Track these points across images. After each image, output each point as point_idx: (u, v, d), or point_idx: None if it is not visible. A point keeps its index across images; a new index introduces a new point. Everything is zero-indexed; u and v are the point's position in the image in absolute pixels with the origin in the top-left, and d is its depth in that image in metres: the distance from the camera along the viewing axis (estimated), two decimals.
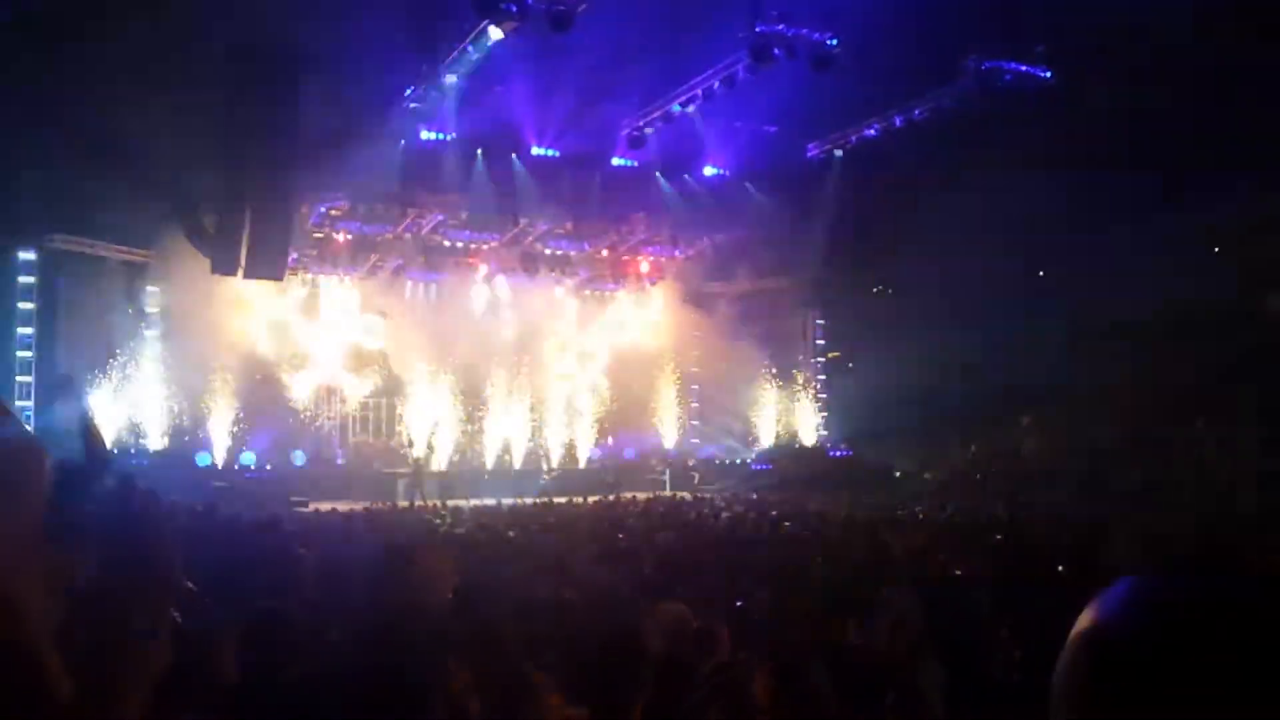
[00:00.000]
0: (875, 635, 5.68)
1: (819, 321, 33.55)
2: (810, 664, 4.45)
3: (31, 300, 24.06)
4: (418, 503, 22.89)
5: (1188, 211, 23.92)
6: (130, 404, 24.97)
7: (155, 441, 25.41)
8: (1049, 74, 23.86)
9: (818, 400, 33.14)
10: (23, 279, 24.08)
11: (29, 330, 23.84)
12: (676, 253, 32.32)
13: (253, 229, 23.25)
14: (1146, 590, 0.77)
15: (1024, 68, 23.80)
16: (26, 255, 24.04)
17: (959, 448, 27.52)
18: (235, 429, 26.01)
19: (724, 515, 16.88)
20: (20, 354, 23.51)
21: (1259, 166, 22.63)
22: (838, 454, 31.45)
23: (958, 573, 8.80)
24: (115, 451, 21.77)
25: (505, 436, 29.95)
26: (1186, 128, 22.46)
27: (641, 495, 23.57)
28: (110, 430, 24.37)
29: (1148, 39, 21.04)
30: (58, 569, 1.15)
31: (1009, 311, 26.40)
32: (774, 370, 32.60)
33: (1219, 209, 24.27)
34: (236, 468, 25.34)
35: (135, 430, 25.15)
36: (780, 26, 21.63)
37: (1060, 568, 9.50)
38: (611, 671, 3.16)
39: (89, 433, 1.31)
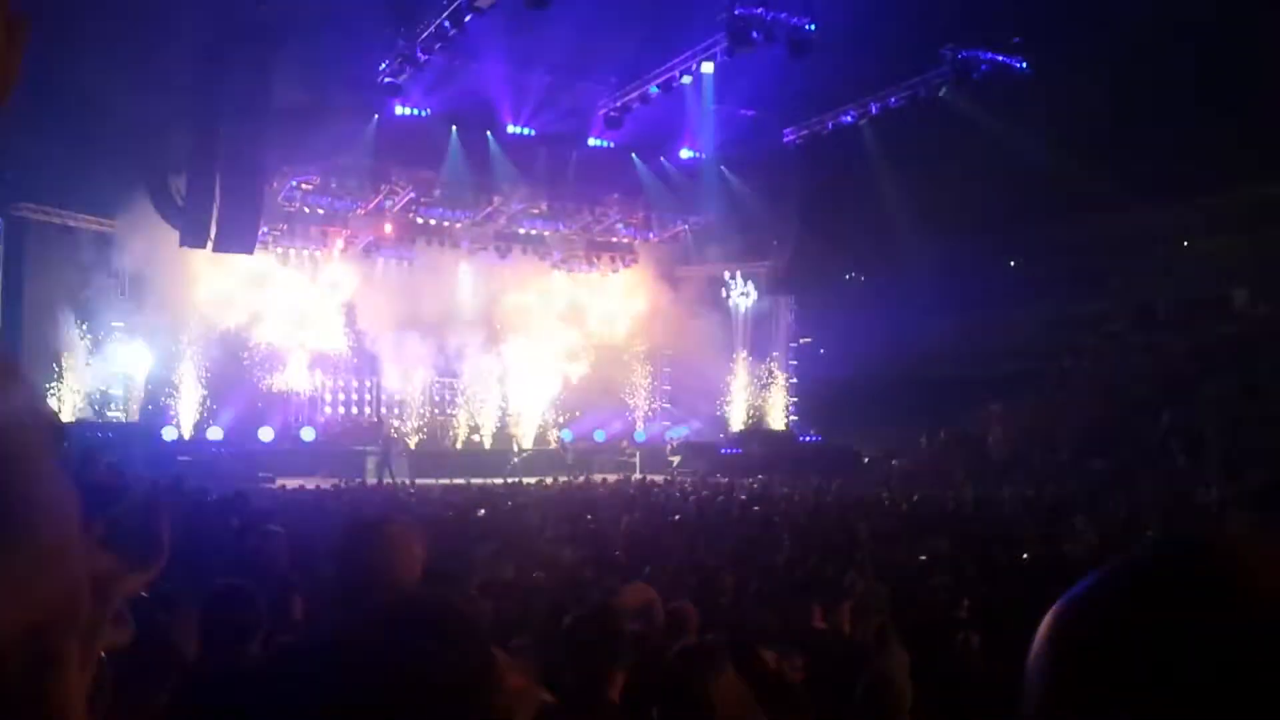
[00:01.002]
0: (841, 619, 5.71)
1: (791, 306, 33.62)
2: (776, 647, 4.46)
3: None
4: (386, 480, 22.80)
5: (1159, 204, 24.19)
6: (95, 376, 24.69)
7: (120, 414, 25.15)
8: (1025, 65, 23.96)
9: (788, 385, 33.26)
10: None
11: None
12: (651, 235, 32.26)
13: (223, 202, 23.01)
14: (1110, 572, 0.79)
15: (1000, 58, 23.88)
16: None
17: (927, 435, 27.70)
18: (202, 403, 25.79)
19: (692, 498, 16.93)
20: None
21: (1234, 162, 22.88)
22: (807, 439, 31.60)
23: (923, 558, 8.88)
24: (63, 425, 21.60)
25: (476, 416, 29.88)
26: (1161, 121, 22.64)
27: (611, 477, 23.59)
28: (72, 402, 24.11)
29: (1125, 31, 21.18)
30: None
31: (980, 300, 26.61)
32: (745, 354, 32.68)
33: (1191, 203, 24.56)
34: (203, 442, 25.11)
35: (100, 402, 24.88)
36: (759, 10, 21.58)
37: (1024, 555, 9.61)
38: (587, 651, 3.15)
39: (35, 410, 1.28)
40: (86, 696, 0.93)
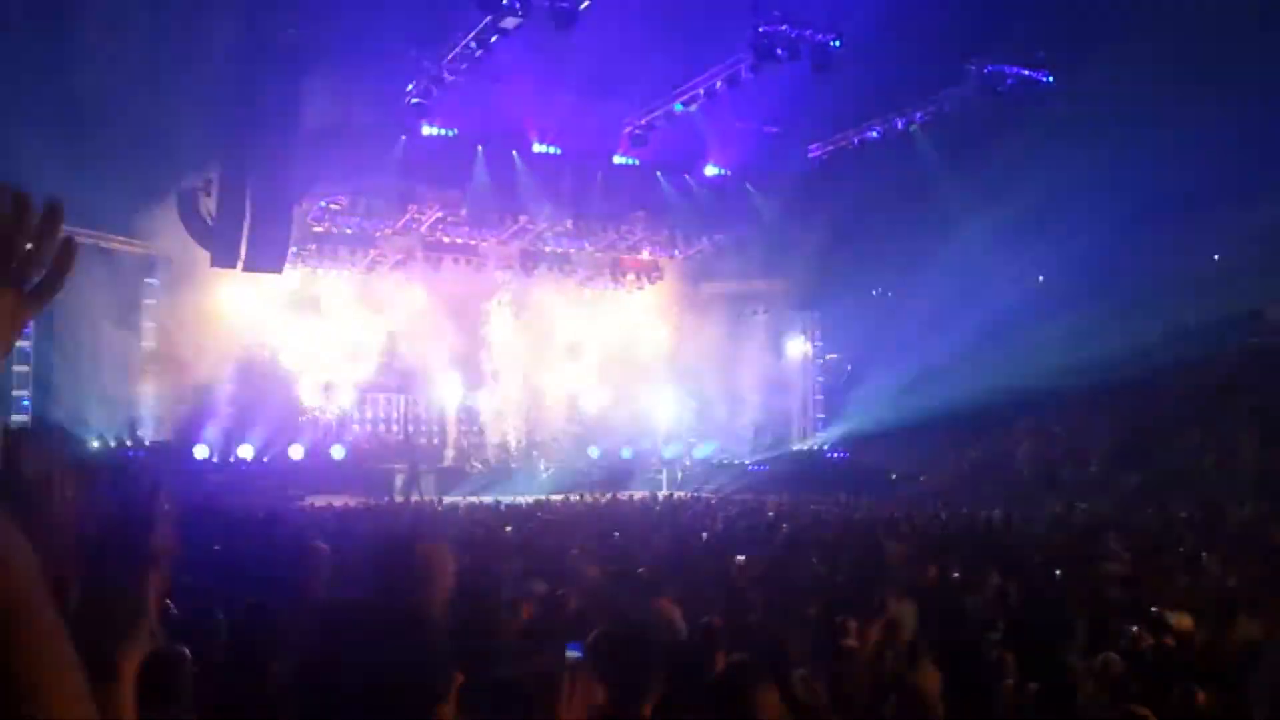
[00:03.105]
0: (871, 640, 5.67)
1: (818, 323, 33.52)
2: (805, 667, 4.44)
3: None
4: (414, 498, 22.87)
5: (1191, 218, 23.97)
6: (127, 395, 24.91)
7: (152, 433, 25.35)
8: (1050, 78, 23.86)
9: (815, 401, 33.12)
10: None
11: None
12: (676, 252, 32.28)
13: (253, 222, 23.21)
14: None
15: (1025, 71, 23.79)
16: None
17: (956, 452, 27.50)
18: (233, 422, 25.96)
19: (720, 516, 16.89)
20: (17, 344, 23.35)
21: (1264, 177, 22.66)
22: (834, 456, 31.45)
23: (954, 576, 8.80)
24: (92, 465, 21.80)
25: (504, 433, 29.93)
26: (1190, 137, 22.44)
27: (638, 495, 23.56)
28: (107, 422, 24.30)
29: (1148, 43, 21.04)
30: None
31: (1008, 316, 26.40)
32: (772, 371, 32.57)
33: (1223, 218, 24.32)
34: (233, 460, 25.28)
35: (132, 422, 25.09)
36: (783, 26, 21.59)
37: (1057, 572, 9.51)
38: (626, 667, 3.13)
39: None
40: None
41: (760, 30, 21.61)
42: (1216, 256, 28.28)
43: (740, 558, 9.95)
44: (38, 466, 1.37)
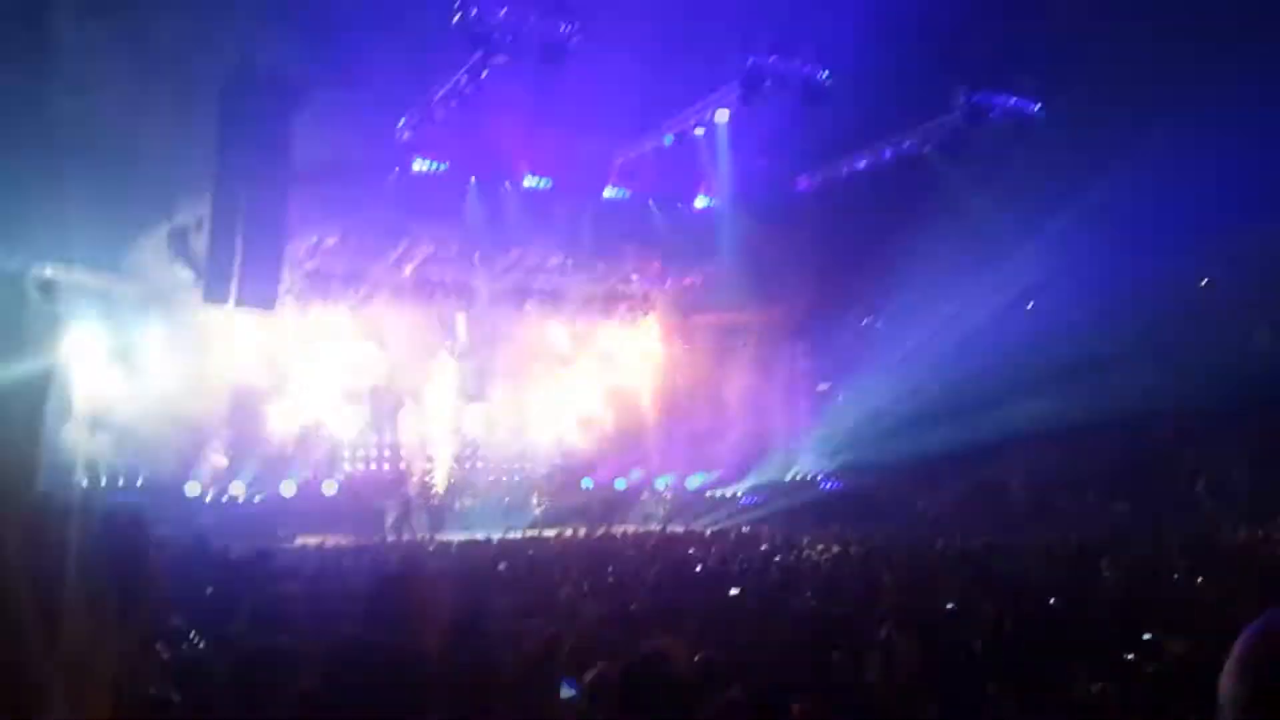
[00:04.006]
0: (869, 672, 5.64)
1: (808, 353, 33.56)
2: (803, 699, 4.41)
3: None
4: (406, 536, 22.76)
5: (1180, 242, 24.06)
6: (118, 432, 24.77)
7: (144, 470, 25.19)
8: (1038, 107, 24.04)
9: (808, 432, 33.09)
10: None
11: None
12: (667, 283, 32.36)
13: (244, 258, 23.22)
14: None
15: (1013, 100, 23.98)
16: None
17: (949, 481, 27.46)
18: (224, 459, 25.84)
19: (714, 549, 16.82)
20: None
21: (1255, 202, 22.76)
22: (828, 486, 31.39)
23: (950, 607, 8.77)
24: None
25: (495, 468, 29.84)
26: (1181, 162, 22.58)
27: (632, 529, 23.49)
28: (96, 459, 24.16)
29: (1138, 73, 21.21)
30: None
31: (997, 344, 26.44)
32: (764, 402, 32.54)
33: (1213, 243, 24.44)
34: (225, 499, 25.14)
35: (123, 459, 24.94)
36: (772, 59, 21.78)
37: (1051, 601, 9.48)
38: (626, 705, 3.11)
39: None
40: None
41: (750, 63, 21.80)
42: (1204, 281, 28.43)
43: (734, 590, 9.91)
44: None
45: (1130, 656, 6.48)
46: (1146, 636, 7.12)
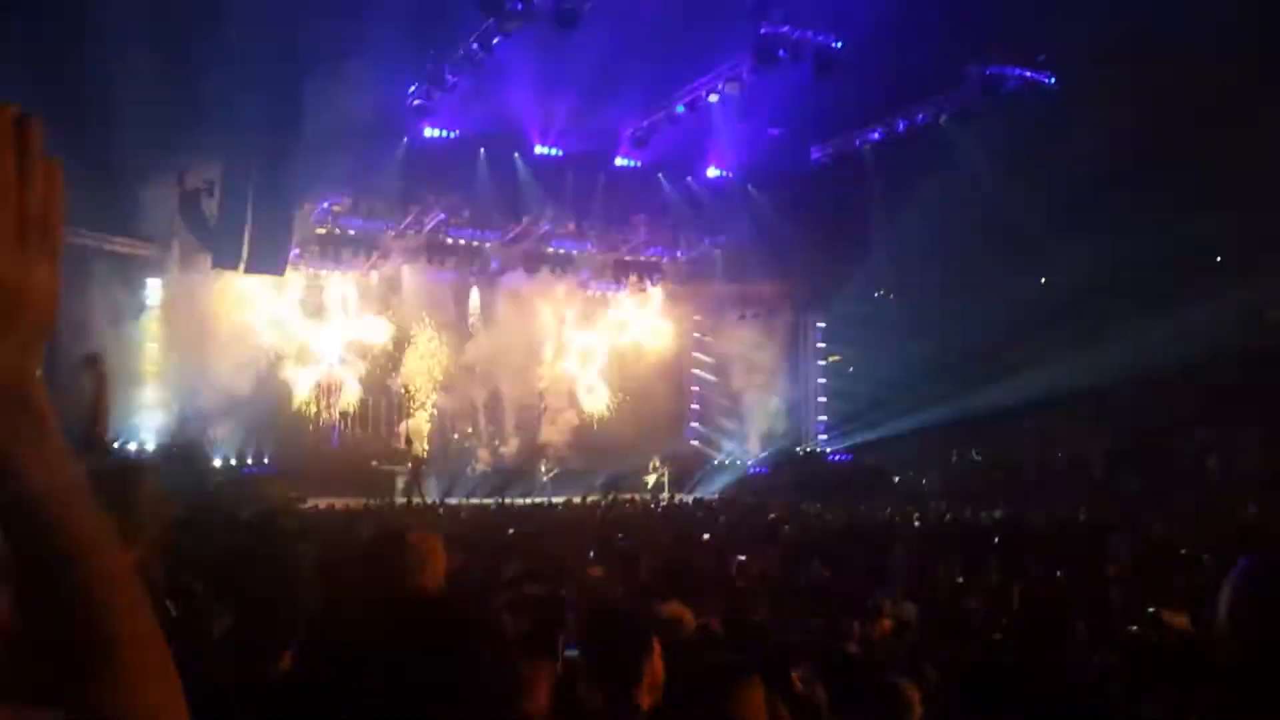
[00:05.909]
0: (874, 642, 5.66)
1: (819, 325, 33.48)
2: (806, 668, 4.43)
3: None
4: (415, 500, 22.86)
5: (1192, 217, 23.89)
6: (129, 398, 24.85)
7: (154, 436, 25.30)
8: (1052, 80, 23.82)
9: (817, 403, 33.07)
10: None
11: None
12: (678, 254, 32.28)
13: (255, 224, 23.22)
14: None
15: (1028, 73, 23.77)
16: None
17: (959, 454, 27.47)
18: (234, 425, 25.91)
19: (722, 519, 16.88)
20: None
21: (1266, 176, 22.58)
22: (837, 458, 31.40)
23: (957, 580, 8.80)
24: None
25: (505, 435, 29.89)
26: (1192, 135, 22.39)
27: (640, 496, 23.56)
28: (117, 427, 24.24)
29: (1153, 45, 20.99)
30: None
31: (1010, 317, 26.35)
32: (774, 373, 32.48)
33: (1225, 217, 24.25)
34: (234, 463, 25.24)
35: (134, 424, 25.03)
36: (785, 28, 21.60)
37: (1059, 573, 9.50)
38: (623, 666, 3.11)
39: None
40: None
41: (762, 33, 21.62)
42: (1219, 258, 28.23)
43: (741, 558, 9.94)
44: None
45: (1134, 629, 6.49)
46: (1149, 610, 7.13)
